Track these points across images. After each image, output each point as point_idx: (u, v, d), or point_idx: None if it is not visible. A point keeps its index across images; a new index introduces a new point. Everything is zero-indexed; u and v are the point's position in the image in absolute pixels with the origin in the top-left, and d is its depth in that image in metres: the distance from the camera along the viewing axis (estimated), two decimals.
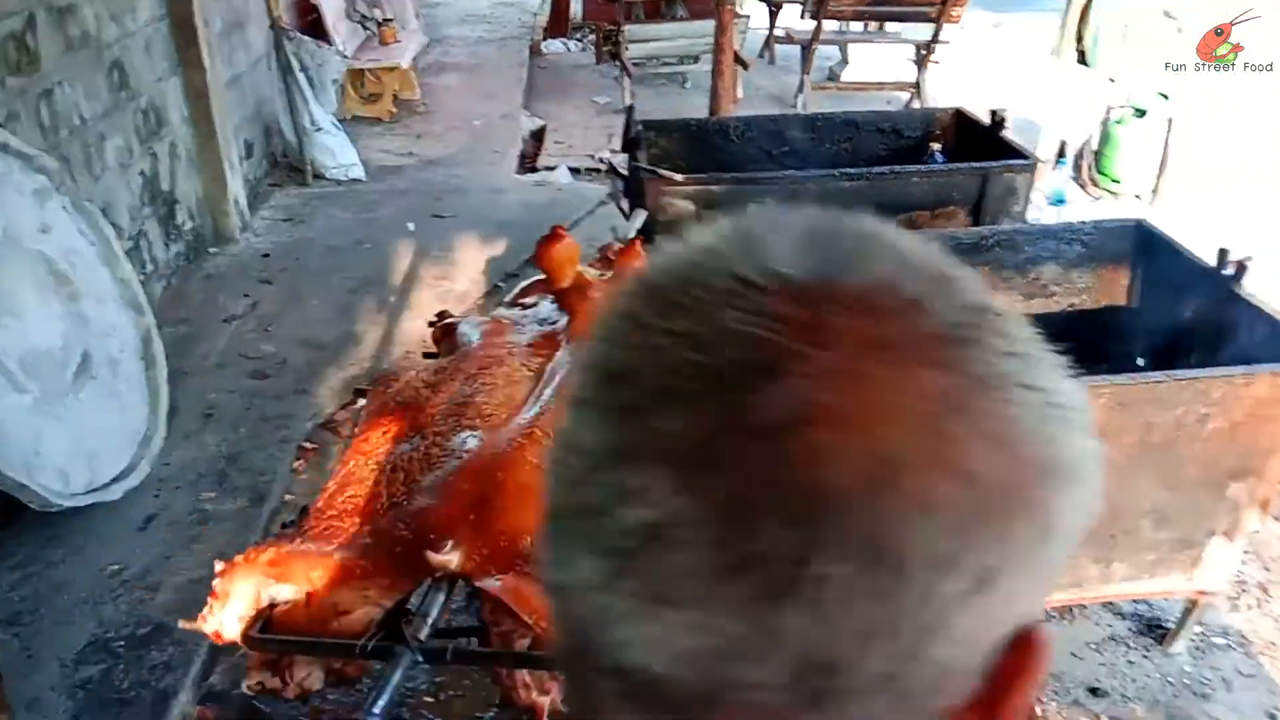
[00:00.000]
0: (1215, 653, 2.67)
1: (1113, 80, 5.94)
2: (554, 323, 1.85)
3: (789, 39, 7.87)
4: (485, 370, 1.65)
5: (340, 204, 5.67)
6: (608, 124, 7.04)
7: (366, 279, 4.73)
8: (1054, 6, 8.34)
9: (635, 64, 8.33)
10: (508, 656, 1.30)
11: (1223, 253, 2.44)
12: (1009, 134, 3.69)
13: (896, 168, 3.39)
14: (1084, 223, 2.83)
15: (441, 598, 1.30)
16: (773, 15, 8.93)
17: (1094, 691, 2.55)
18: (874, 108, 7.29)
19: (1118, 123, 6.00)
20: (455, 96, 7.85)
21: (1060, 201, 5.04)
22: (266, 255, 5.04)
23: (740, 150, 4.07)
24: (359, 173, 6.00)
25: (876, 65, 8.47)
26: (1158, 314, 2.67)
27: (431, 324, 2.11)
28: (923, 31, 7.39)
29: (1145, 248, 2.73)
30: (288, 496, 3.33)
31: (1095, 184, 6.10)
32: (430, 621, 1.25)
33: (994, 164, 3.37)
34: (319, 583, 1.27)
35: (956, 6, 7.02)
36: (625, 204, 3.69)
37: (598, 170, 6.19)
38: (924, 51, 7.31)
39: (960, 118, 3.99)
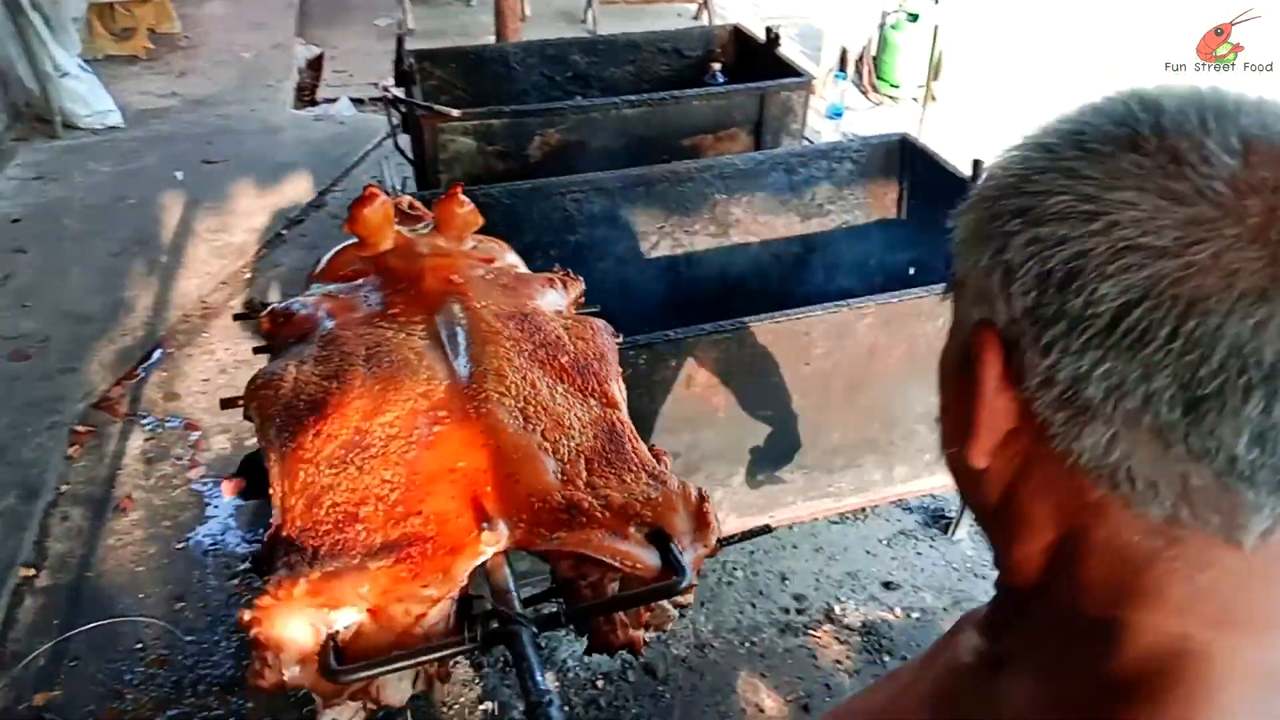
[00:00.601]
0: None
1: None
2: (402, 288, 1.69)
3: None
4: (377, 349, 1.50)
5: (97, 156, 5.16)
6: (390, 48, 6.65)
7: (133, 239, 4.35)
8: None
9: None
10: (623, 600, 1.23)
11: (977, 164, 2.56)
12: (787, 49, 3.73)
13: (676, 93, 3.36)
14: (853, 140, 2.91)
15: (507, 571, 1.25)
16: None
17: (888, 585, 2.73)
18: (663, 23, 7.28)
19: (893, 28, 6.20)
20: (220, 27, 7.24)
21: (838, 114, 5.18)
22: (17, 221, 4.54)
23: (523, 77, 3.95)
24: (116, 119, 5.47)
25: None
26: (925, 225, 2.80)
27: (248, 314, 1.84)
28: None
29: (910, 161, 2.84)
30: (64, 487, 3.08)
31: (875, 89, 6.31)
32: (516, 596, 1.21)
33: (770, 84, 3.40)
34: (375, 597, 1.17)
35: None
36: (405, 141, 3.52)
37: (382, 99, 5.89)
38: None
39: (738, 35, 3.99)
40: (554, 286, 1.76)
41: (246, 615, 1.14)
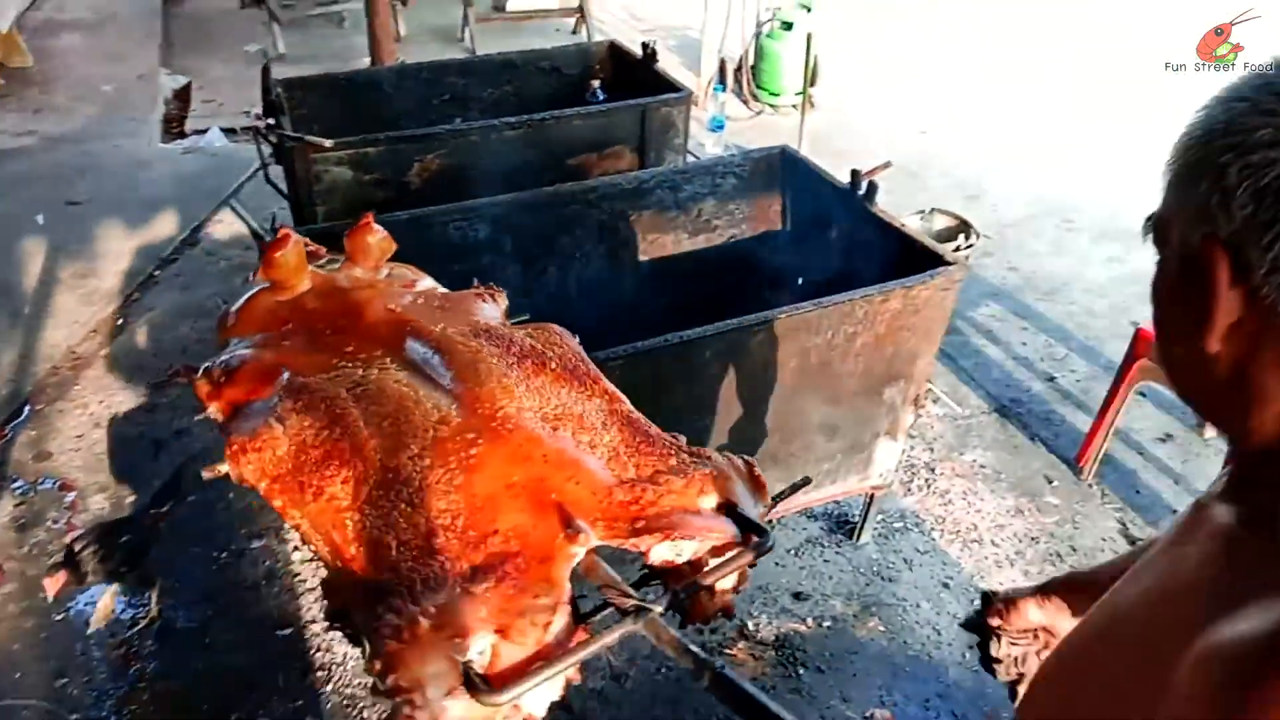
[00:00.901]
0: (896, 537, 2.95)
1: None
2: (343, 325, 1.60)
3: None
4: (360, 388, 1.42)
5: None
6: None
7: None
8: None
9: (285, 5, 7.73)
10: (727, 564, 1.26)
11: (855, 174, 2.60)
12: (667, 62, 3.73)
13: (556, 112, 3.32)
14: (734, 155, 2.92)
15: (604, 566, 1.30)
16: None
17: (798, 596, 2.74)
18: (541, 39, 7.25)
19: (769, 37, 6.30)
20: (77, 59, 6.89)
21: (720, 126, 5.23)
22: None
23: (399, 100, 3.86)
24: None
25: None
26: (808, 236, 2.83)
27: (182, 376, 1.67)
28: None
29: (790, 173, 2.86)
30: None
31: (756, 99, 6.40)
32: (624, 586, 1.26)
33: (650, 100, 3.40)
34: (497, 618, 1.16)
35: None
36: (278, 173, 3.40)
37: (252, 131, 5.70)
38: None
39: (616, 51, 3.99)
40: (485, 300, 1.71)
41: (375, 665, 1.11)
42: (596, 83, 3.85)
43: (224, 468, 1.34)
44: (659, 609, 1.21)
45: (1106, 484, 3.18)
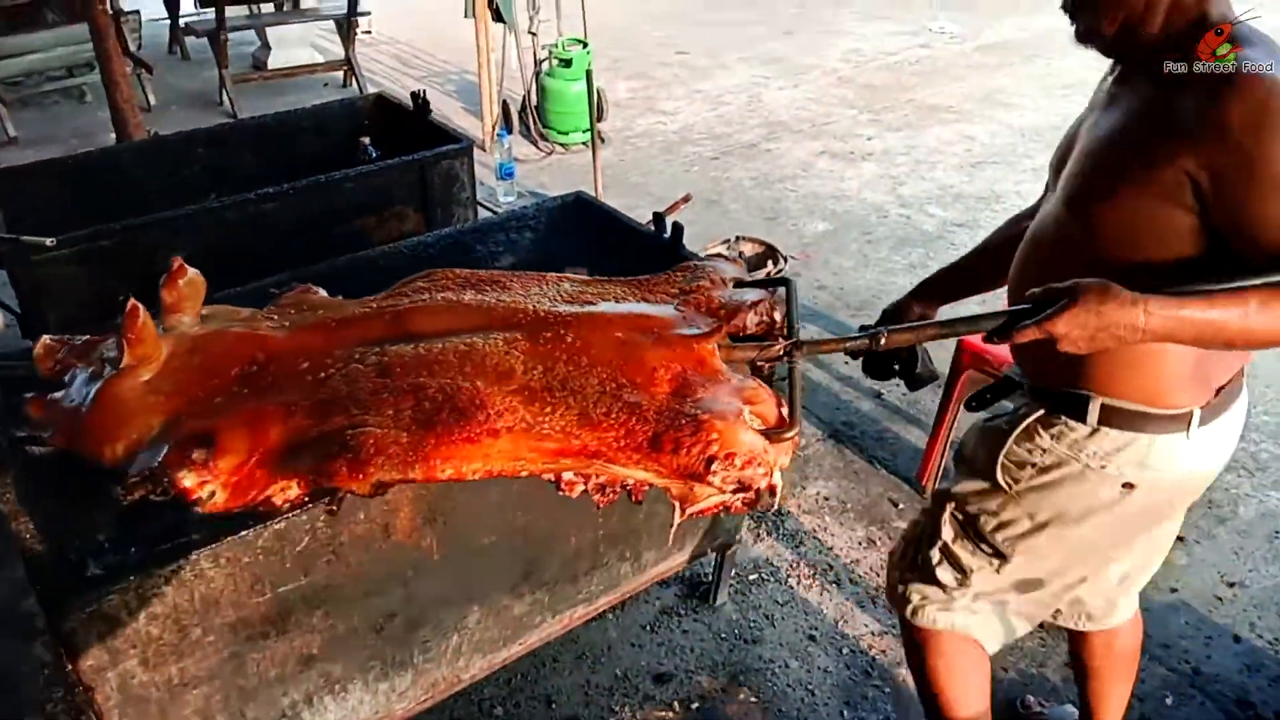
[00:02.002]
0: (753, 591, 2.75)
1: (533, 34, 6.00)
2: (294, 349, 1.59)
3: (193, 31, 6.98)
4: (425, 361, 1.52)
5: None
6: None
7: None
8: None
9: (10, 83, 6.92)
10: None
11: (658, 216, 2.41)
12: (447, 107, 3.45)
13: (322, 176, 2.98)
14: (528, 207, 2.67)
15: (736, 348, 1.63)
16: (171, 5, 7.92)
17: (660, 679, 2.49)
18: (311, 96, 6.80)
19: (549, 75, 6.12)
20: None
21: (510, 173, 4.99)
22: None
23: (146, 181, 3.39)
24: None
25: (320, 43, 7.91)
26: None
27: (137, 489, 1.37)
28: (341, 4, 6.96)
29: (590, 220, 2.64)
30: None
31: (545, 138, 6.20)
32: (762, 347, 1.60)
33: (427, 153, 3.11)
34: (739, 399, 1.44)
35: None
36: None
37: None
38: (345, 26, 6.89)
39: (384, 103, 3.68)
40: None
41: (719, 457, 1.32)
42: (366, 140, 3.52)
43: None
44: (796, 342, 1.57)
45: None
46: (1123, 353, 1.44)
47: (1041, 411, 1.60)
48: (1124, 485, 1.56)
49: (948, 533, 1.76)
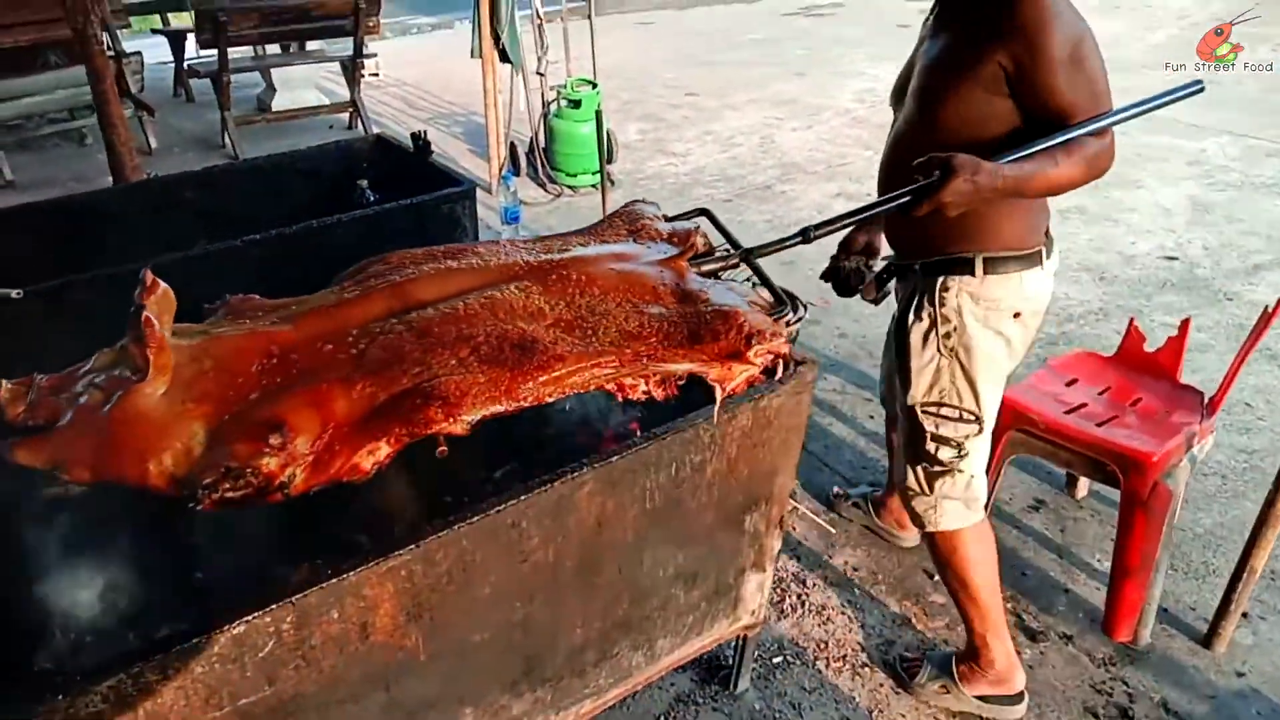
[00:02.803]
0: (777, 676, 2.50)
1: (541, 75, 5.86)
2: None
3: (196, 73, 6.87)
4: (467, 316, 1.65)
5: None
6: None
7: None
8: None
9: (11, 125, 6.82)
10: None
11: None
12: (454, 149, 3.28)
13: (315, 221, 2.79)
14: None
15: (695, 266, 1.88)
16: (176, 47, 7.84)
17: None
18: (314, 138, 6.67)
19: (557, 116, 5.97)
20: None
21: (515, 217, 4.81)
22: None
23: (134, 223, 3.20)
24: None
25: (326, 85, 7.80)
26: None
27: (222, 484, 1.39)
28: (347, 47, 6.85)
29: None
30: None
31: (553, 180, 6.03)
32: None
33: (426, 197, 2.92)
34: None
35: (372, 17, 6.56)
36: None
37: None
38: (350, 68, 6.77)
39: (384, 145, 3.50)
40: None
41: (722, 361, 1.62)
42: (364, 183, 3.34)
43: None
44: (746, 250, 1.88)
45: None
46: (988, 216, 1.95)
47: (934, 284, 2.07)
48: (1014, 315, 2.07)
49: (930, 424, 2.16)
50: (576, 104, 5.86)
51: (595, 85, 5.94)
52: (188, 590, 1.74)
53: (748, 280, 1.90)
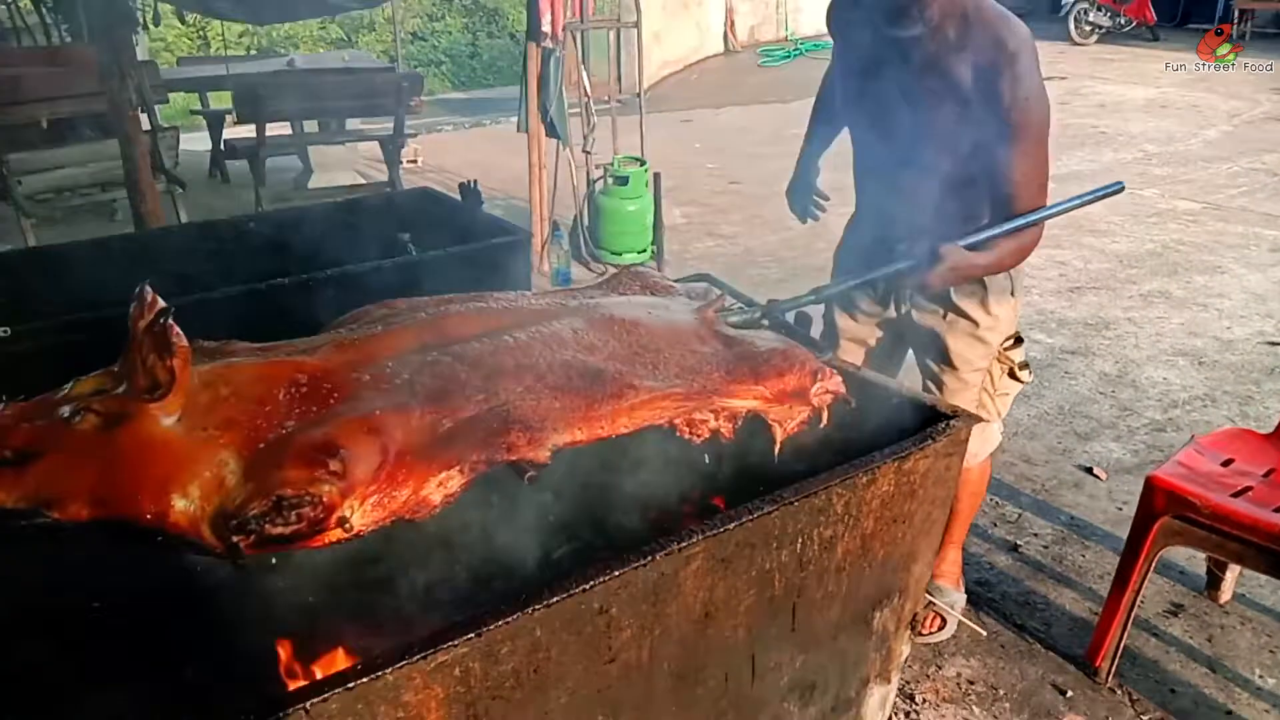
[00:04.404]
0: None
1: (588, 152, 5.65)
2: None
3: (233, 152, 6.73)
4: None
5: None
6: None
7: None
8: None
9: (41, 199, 6.65)
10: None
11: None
12: (491, 209, 2.98)
13: (351, 266, 2.48)
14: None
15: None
16: (214, 128, 7.76)
17: None
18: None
19: (603, 194, 5.73)
20: None
21: (566, 279, 4.50)
22: None
23: (159, 271, 2.90)
24: None
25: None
26: None
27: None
28: (388, 127, 6.71)
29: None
30: None
31: (596, 259, 5.75)
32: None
33: (477, 245, 2.61)
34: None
35: (415, 96, 6.42)
36: None
37: None
38: (391, 147, 6.62)
39: (431, 198, 3.21)
40: None
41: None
42: (406, 236, 3.03)
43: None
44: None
45: (1131, 686, 2.41)
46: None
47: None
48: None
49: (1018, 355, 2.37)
50: (624, 181, 5.62)
51: (643, 163, 5.71)
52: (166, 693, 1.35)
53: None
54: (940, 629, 2.59)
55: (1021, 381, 2.41)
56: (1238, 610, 2.68)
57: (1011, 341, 2.36)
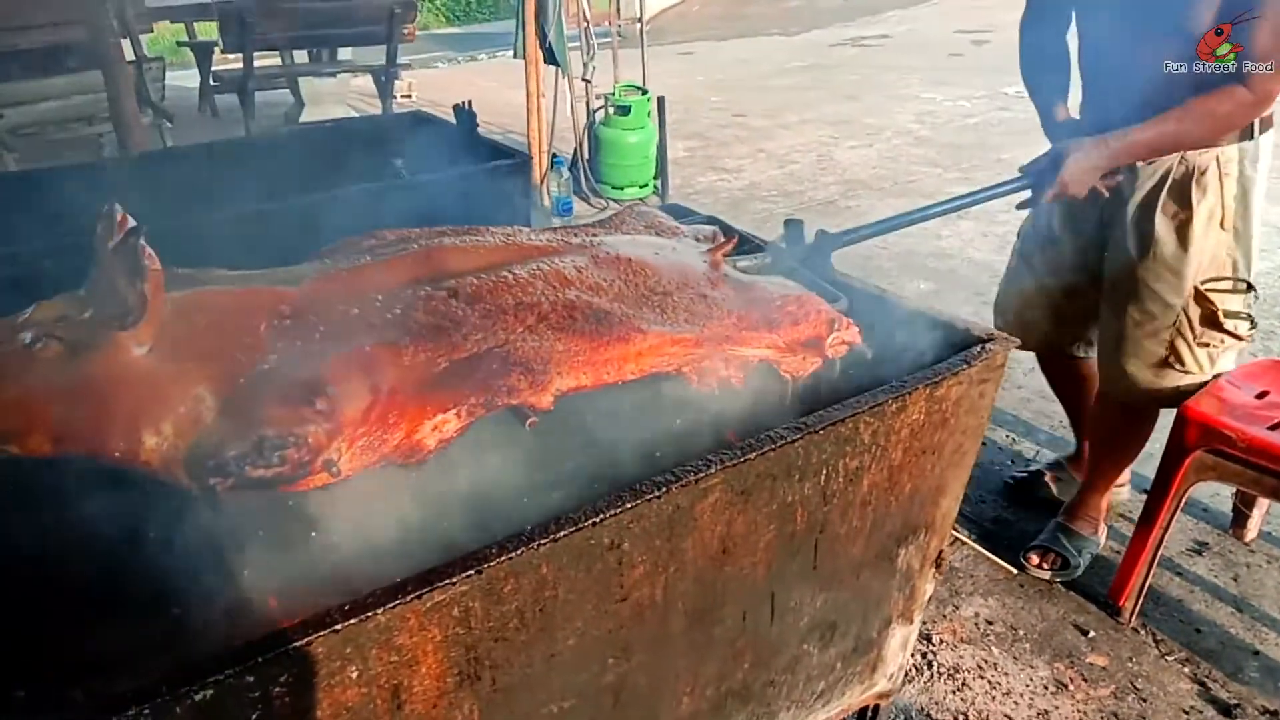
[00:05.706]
0: None
1: (587, 81, 5.46)
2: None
3: (223, 85, 6.51)
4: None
5: None
6: None
7: None
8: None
9: (25, 132, 6.47)
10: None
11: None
12: (487, 132, 2.83)
13: (338, 190, 2.34)
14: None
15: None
16: (202, 61, 7.53)
17: None
18: None
19: (604, 125, 5.56)
20: None
21: (568, 208, 4.35)
22: None
23: (137, 195, 2.76)
24: None
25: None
26: None
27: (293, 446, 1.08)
28: (380, 56, 6.49)
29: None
30: None
31: (597, 193, 5.59)
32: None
33: (474, 168, 2.47)
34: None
35: (407, 24, 6.20)
36: None
37: None
38: (384, 78, 6.40)
39: (422, 121, 3.06)
40: None
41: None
42: (399, 161, 2.89)
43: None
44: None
45: (1155, 626, 2.33)
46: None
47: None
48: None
49: (1195, 313, 2.12)
50: (625, 110, 5.44)
51: (645, 91, 5.53)
52: (146, 632, 1.25)
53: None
54: (1060, 568, 2.47)
55: (1227, 333, 2.12)
56: (1264, 549, 2.59)
57: (1229, 284, 2.10)
